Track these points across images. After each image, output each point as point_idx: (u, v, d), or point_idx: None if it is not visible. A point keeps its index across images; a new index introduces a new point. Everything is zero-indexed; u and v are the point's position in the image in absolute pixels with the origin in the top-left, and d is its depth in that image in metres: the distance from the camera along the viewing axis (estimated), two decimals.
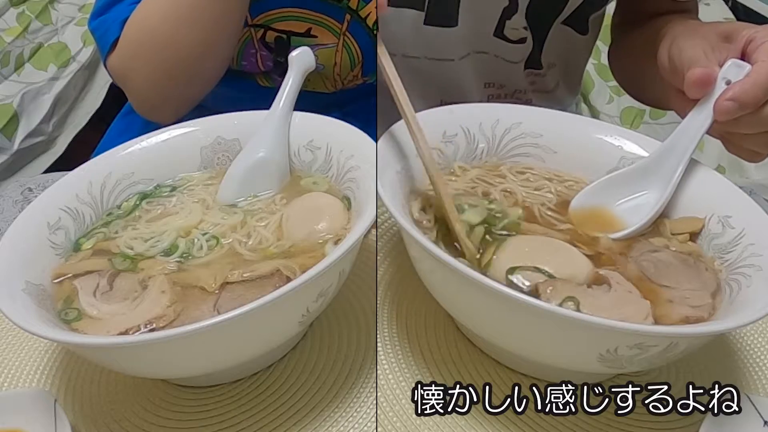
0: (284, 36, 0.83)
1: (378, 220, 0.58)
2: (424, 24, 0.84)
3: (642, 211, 0.65)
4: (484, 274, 0.54)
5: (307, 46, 0.82)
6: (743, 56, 0.65)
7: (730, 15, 1.67)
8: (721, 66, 0.65)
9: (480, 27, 0.86)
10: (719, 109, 0.63)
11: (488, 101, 0.92)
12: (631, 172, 0.67)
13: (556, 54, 0.92)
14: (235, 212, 0.65)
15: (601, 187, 0.67)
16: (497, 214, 0.63)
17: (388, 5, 0.83)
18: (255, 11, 0.82)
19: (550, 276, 0.57)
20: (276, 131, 0.69)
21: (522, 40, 0.87)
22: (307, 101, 0.70)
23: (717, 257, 0.60)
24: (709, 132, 0.66)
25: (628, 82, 1.01)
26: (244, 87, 0.89)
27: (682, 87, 0.66)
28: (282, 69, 0.85)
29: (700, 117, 0.65)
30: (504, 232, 0.62)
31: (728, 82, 0.64)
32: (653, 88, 0.85)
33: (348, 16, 0.82)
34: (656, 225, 0.65)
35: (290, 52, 0.71)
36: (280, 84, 0.87)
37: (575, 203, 0.67)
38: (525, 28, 0.86)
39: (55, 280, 0.59)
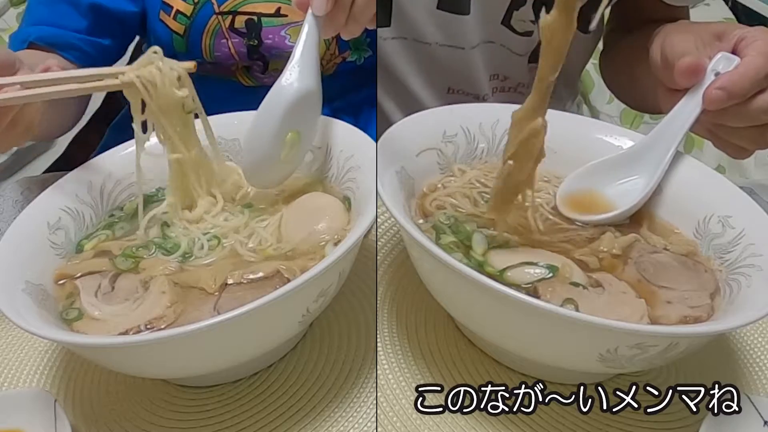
0: (255, 18, 0.83)
1: (378, 220, 0.57)
2: (437, 8, 0.86)
3: (631, 196, 0.66)
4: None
5: (279, 26, 0.80)
6: (733, 54, 0.66)
7: (730, 15, 1.66)
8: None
9: (489, 15, 0.87)
10: (708, 97, 0.63)
11: (492, 93, 0.93)
12: (621, 157, 0.68)
13: None
14: (241, 213, 0.65)
15: (590, 171, 0.68)
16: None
17: None
18: None
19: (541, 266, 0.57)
20: (308, 62, 0.63)
21: (528, 33, 0.89)
22: None
23: (717, 257, 0.60)
24: (697, 131, 0.66)
25: (618, 86, 1.02)
26: (228, 88, 0.89)
27: (672, 83, 0.67)
28: (258, 55, 0.85)
29: (690, 106, 0.66)
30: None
31: (717, 74, 0.64)
32: (643, 92, 0.86)
33: None
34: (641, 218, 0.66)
35: (262, 33, 0.68)
36: (265, 82, 0.86)
37: (564, 187, 0.67)
38: (532, 21, 0.87)
39: (59, 282, 0.59)
